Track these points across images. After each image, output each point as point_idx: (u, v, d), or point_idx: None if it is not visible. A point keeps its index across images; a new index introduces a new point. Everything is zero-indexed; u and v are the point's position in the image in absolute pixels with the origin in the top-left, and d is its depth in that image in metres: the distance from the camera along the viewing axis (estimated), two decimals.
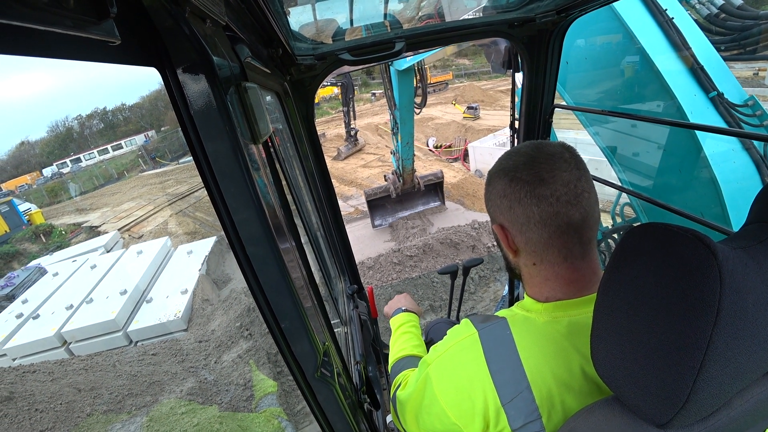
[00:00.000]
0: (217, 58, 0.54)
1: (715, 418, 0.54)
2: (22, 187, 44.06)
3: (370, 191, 11.56)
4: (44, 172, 50.10)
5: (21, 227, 24.36)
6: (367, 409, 1.41)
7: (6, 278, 14.56)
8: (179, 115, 0.54)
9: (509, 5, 1.76)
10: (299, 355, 0.79)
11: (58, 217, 27.69)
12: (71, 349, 9.00)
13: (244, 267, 0.67)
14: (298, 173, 2.12)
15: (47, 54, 0.33)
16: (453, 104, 27.86)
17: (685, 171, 2.90)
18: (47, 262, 16.02)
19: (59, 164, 51.29)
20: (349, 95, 16.41)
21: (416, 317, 1.54)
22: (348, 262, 2.61)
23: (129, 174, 39.80)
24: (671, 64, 2.88)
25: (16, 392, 5.69)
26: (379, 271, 9.01)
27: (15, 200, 26.99)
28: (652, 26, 2.94)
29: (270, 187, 0.76)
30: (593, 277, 0.79)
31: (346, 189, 16.95)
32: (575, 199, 0.74)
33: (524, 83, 2.07)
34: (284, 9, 1.35)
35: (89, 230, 23.69)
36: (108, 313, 9.25)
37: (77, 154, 53.24)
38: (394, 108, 9.61)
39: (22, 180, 47.08)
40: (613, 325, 0.56)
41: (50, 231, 23.73)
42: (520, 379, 0.73)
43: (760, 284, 0.49)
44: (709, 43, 3.01)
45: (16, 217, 24.72)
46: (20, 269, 16.08)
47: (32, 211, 26.82)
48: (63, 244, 20.83)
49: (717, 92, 2.80)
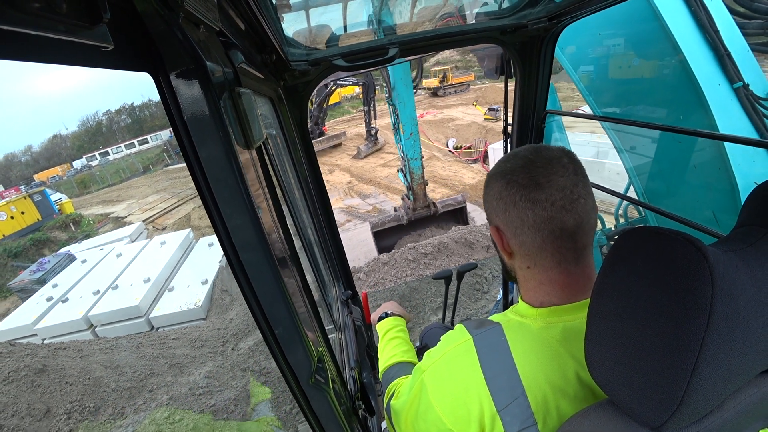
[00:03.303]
0: (211, 64, 0.54)
1: (709, 420, 0.55)
2: (54, 178, 46.71)
3: (377, 221, 10.73)
4: (74, 164, 53.11)
5: (52, 216, 25.95)
6: (361, 415, 1.40)
7: (38, 263, 15.69)
8: (172, 120, 0.54)
9: (502, 12, 1.77)
10: (293, 362, 0.79)
11: (86, 207, 29.40)
12: (96, 332, 9.65)
13: (237, 273, 0.66)
14: (291, 179, 2.12)
15: (41, 59, 0.33)
16: (474, 105, 27.96)
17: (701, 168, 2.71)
18: (76, 249, 17.14)
19: (88, 157, 54.39)
20: (370, 95, 16.37)
21: (403, 321, 1.53)
22: (342, 267, 2.61)
23: (154, 168, 41.75)
24: (697, 48, 2.59)
25: (48, 365, 6.12)
26: (394, 267, 8.97)
27: (47, 190, 28.55)
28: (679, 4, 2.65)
29: (264, 192, 0.76)
30: (588, 283, 0.79)
31: (365, 187, 17.27)
32: (570, 204, 0.74)
33: (517, 89, 2.09)
34: (278, 15, 1.35)
35: (115, 221, 25.23)
36: (132, 299, 9.85)
37: (105, 147, 56.17)
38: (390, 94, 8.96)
39: (53, 171, 49.81)
40: (606, 329, 0.57)
41: (79, 220, 25.57)
42: (516, 385, 0.72)
43: (751, 287, 0.49)
44: (737, 27, 2.74)
45: (48, 207, 26.25)
46: (51, 255, 17.23)
47: (63, 201, 28.88)
48: (91, 233, 22.49)
49: (743, 83, 2.58)
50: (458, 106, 29.62)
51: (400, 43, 1.72)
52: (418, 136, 9.68)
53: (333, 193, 19.31)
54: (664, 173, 3.06)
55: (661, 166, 3.05)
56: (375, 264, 9.13)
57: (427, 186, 10.40)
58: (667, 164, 2.99)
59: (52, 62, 0.35)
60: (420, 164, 9.89)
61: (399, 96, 8.90)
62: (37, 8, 0.28)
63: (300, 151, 2.05)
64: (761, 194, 0.60)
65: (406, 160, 9.70)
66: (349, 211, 16.75)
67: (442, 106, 30.59)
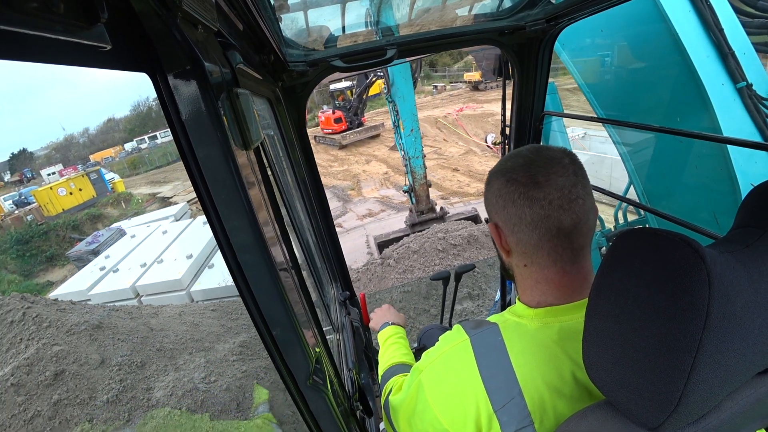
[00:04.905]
0: (209, 64, 0.54)
1: (706, 420, 0.55)
2: (107, 159, 51.02)
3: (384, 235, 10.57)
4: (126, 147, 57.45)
5: (106, 194, 29.09)
6: (359, 416, 1.40)
7: (93, 236, 17.59)
8: (170, 120, 0.54)
9: (500, 13, 1.78)
10: (291, 363, 0.78)
11: (136, 187, 31.79)
12: (142, 301, 10.44)
13: (235, 274, 0.66)
14: (290, 180, 2.12)
15: (38, 59, 0.33)
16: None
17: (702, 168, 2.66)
18: (126, 225, 18.84)
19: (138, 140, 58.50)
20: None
21: (403, 330, 1.56)
22: (340, 268, 2.60)
23: None
24: (701, 46, 2.51)
25: (104, 323, 6.90)
26: (423, 255, 8.99)
27: (102, 170, 32.32)
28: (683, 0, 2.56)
29: (261, 193, 0.76)
30: (584, 283, 0.79)
31: (400, 179, 17.59)
32: (568, 204, 0.74)
33: (514, 91, 2.09)
34: (276, 15, 1.35)
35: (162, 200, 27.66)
36: (175, 273, 10.62)
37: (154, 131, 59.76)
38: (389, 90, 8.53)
39: (107, 152, 54.23)
40: (604, 330, 0.57)
41: (129, 199, 28.13)
42: (512, 385, 0.73)
43: (748, 287, 0.49)
44: (741, 25, 2.67)
45: (102, 185, 29.51)
46: (104, 229, 19.17)
47: (115, 180, 32.40)
48: (140, 211, 24.62)
49: (746, 83, 2.53)
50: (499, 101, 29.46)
51: (399, 44, 1.72)
52: (419, 132, 9.27)
53: (369, 183, 19.80)
54: (665, 174, 3.02)
55: (662, 166, 3.02)
56: (405, 252, 9.14)
57: (430, 187, 9.98)
58: (668, 164, 2.96)
59: (50, 62, 0.35)
60: (422, 163, 9.45)
61: (398, 91, 8.58)
62: (34, 8, 0.28)
63: (298, 152, 2.05)
64: (758, 196, 0.60)
65: (407, 158, 9.27)
66: (384, 201, 17.26)
67: (483, 101, 30.29)
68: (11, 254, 20.98)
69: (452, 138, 23.47)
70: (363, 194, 18.47)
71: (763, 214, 0.57)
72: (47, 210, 25.77)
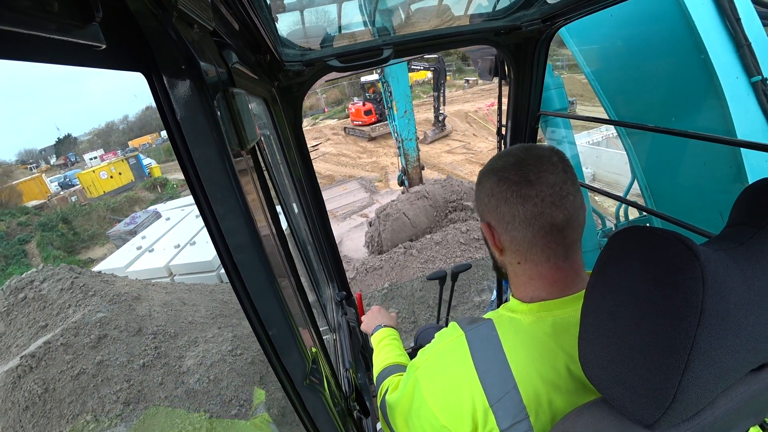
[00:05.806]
0: (205, 64, 0.54)
1: (701, 417, 0.55)
2: (144, 145, 51.98)
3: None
4: (162, 134, 57.30)
5: (143, 178, 30.66)
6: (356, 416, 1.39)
7: (131, 217, 18.97)
8: (165, 120, 0.54)
9: (496, 13, 1.78)
10: (287, 363, 0.78)
11: (171, 173, 33.13)
12: (175, 280, 10.89)
13: (231, 274, 0.66)
14: (286, 180, 2.11)
15: (32, 58, 0.33)
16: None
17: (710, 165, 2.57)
18: (162, 208, 19.70)
19: None
20: (440, 80, 16.09)
21: (396, 331, 1.56)
22: (336, 268, 2.60)
23: None
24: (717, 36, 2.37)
25: (142, 295, 7.63)
26: (445, 247, 9.14)
27: (140, 155, 34.01)
28: None
29: (257, 193, 0.76)
30: (576, 278, 0.81)
31: (428, 173, 17.37)
32: (560, 200, 0.75)
33: (510, 91, 2.10)
34: (272, 15, 1.35)
35: None
36: (207, 255, 11.02)
37: None
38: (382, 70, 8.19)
39: (144, 139, 55.39)
40: (599, 327, 0.57)
41: (165, 183, 29.36)
42: (507, 379, 0.73)
43: (741, 285, 0.50)
44: (758, 16, 2.52)
45: (140, 170, 31.20)
46: (141, 211, 20.48)
47: (152, 166, 33.80)
48: (174, 195, 25.73)
49: (761, 77, 2.41)
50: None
51: (395, 44, 1.73)
52: (413, 114, 9.04)
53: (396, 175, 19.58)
54: (671, 170, 2.95)
55: (668, 163, 2.94)
56: (427, 242, 9.26)
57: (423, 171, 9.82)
58: (674, 161, 2.89)
59: (44, 61, 0.34)
60: (415, 145, 9.27)
61: (392, 71, 8.34)
62: (28, 7, 0.28)
63: (294, 152, 2.05)
64: (751, 194, 0.60)
65: (400, 140, 9.03)
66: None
67: None
68: (57, 232, 22.11)
69: (482, 133, 23.05)
70: (390, 186, 18.28)
71: (757, 212, 0.58)
72: (89, 192, 27.64)
